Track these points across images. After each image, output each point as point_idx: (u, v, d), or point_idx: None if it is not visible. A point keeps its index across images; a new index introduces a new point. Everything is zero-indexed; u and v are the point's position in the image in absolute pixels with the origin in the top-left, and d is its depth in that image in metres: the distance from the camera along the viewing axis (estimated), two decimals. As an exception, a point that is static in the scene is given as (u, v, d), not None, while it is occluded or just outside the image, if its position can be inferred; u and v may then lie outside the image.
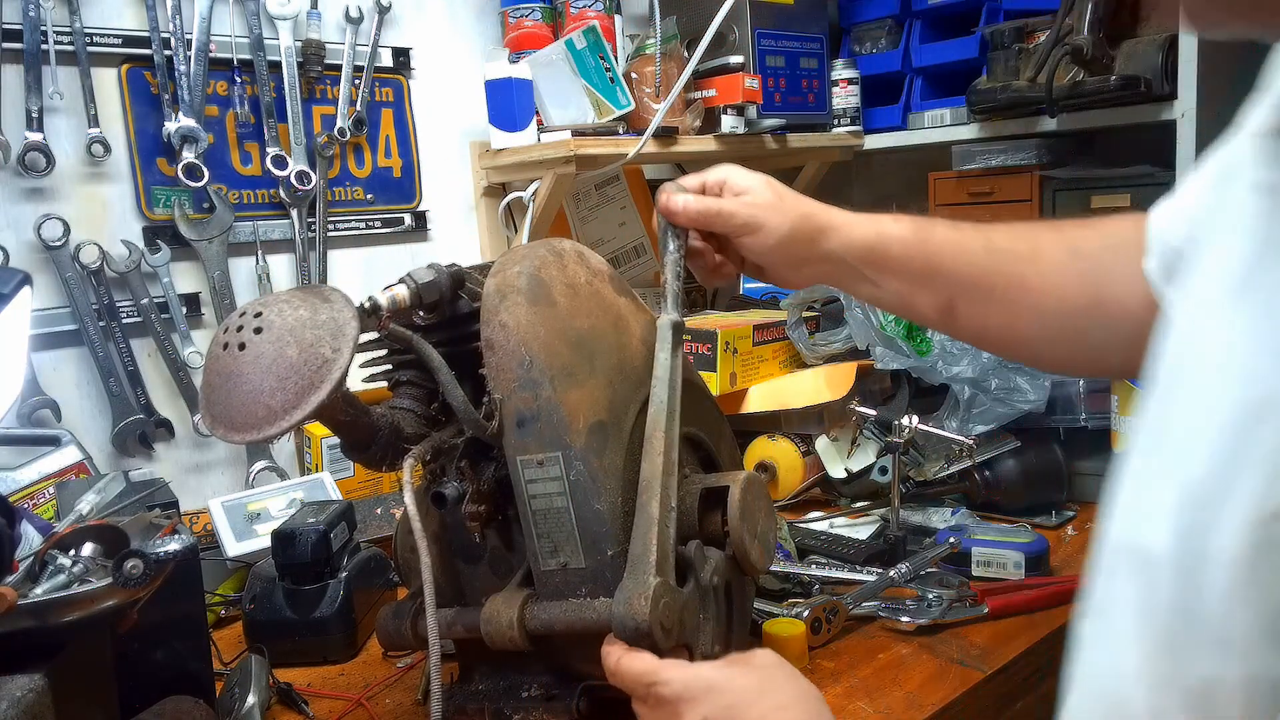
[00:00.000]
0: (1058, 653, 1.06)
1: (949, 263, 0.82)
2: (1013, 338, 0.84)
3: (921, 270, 0.83)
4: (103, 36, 1.29)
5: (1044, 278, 0.79)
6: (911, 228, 0.84)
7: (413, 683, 1.01)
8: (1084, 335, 0.79)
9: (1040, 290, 0.80)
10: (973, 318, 0.83)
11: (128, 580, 0.71)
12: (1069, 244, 0.80)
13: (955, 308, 0.83)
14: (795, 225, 0.84)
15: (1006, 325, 0.82)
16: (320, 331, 0.69)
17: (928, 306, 0.84)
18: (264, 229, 1.45)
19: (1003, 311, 0.82)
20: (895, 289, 0.85)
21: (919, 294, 0.84)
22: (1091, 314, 0.77)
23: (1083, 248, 0.79)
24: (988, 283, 0.81)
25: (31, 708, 0.65)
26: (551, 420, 0.77)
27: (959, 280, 0.82)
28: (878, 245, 0.84)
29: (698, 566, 0.80)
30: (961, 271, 0.82)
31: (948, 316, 0.84)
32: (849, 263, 0.85)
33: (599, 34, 1.52)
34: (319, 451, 1.38)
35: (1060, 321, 0.80)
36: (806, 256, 0.85)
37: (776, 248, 0.84)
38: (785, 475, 1.45)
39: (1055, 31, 1.43)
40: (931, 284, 0.83)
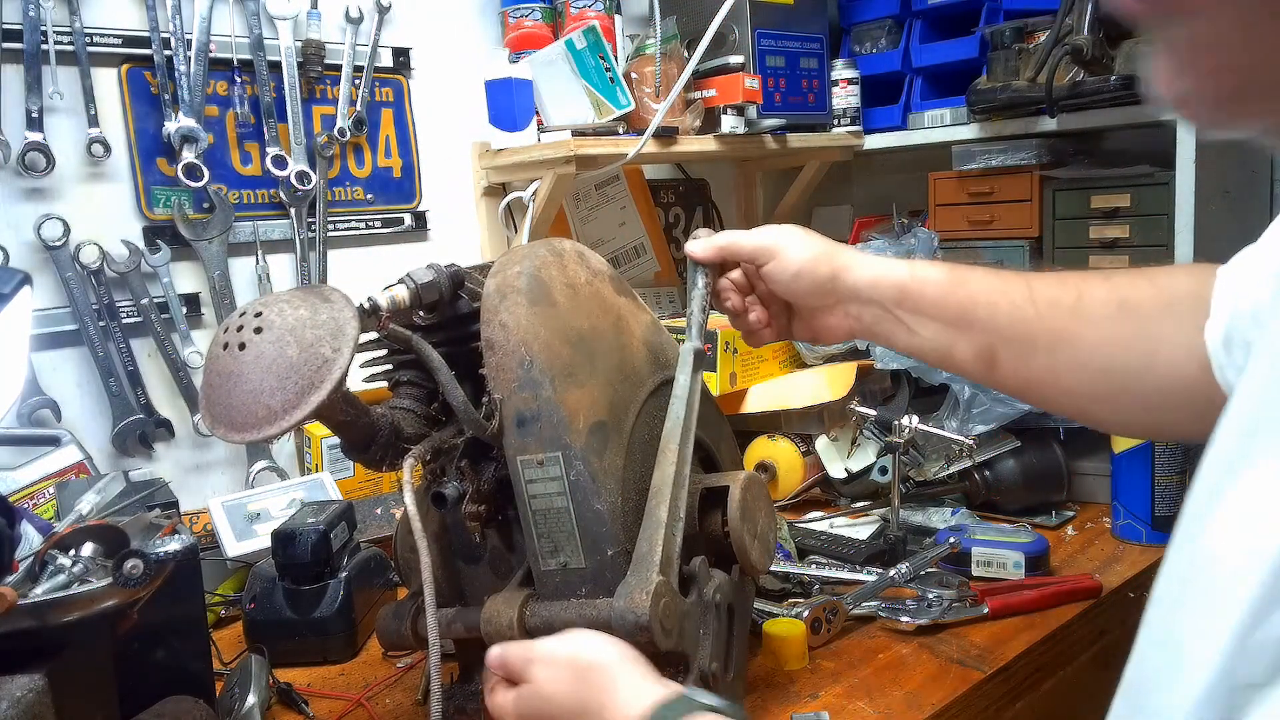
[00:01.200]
0: (1058, 653, 1.06)
1: (986, 308, 0.79)
2: (1057, 392, 0.80)
3: (957, 315, 0.80)
4: (103, 36, 1.29)
5: (1091, 332, 0.76)
6: (947, 271, 0.82)
7: (413, 683, 1.01)
8: (1132, 394, 0.75)
9: (1087, 345, 0.76)
10: (1015, 369, 0.79)
11: (128, 580, 0.71)
12: (1119, 297, 0.76)
13: (996, 357, 0.80)
14: (816, 255, 0.84)
15: (1050, 379, 0.79)
16: (320, 331, 0.69)
17: (967, 356, 0.81)
18: (264, 229, 1.45)
19: (1045, 364, 0.78)
20: (931, 335, 0.81)
21: (958, 341, 0.80)
22: (1142, 374, 0.74)
23: (1134, 301, 0.75)
24: (1029, 333, 0.78)
25: (31, 708, 0.65)
26: (551, 420, 0.77)
27: (998, 328, 0.79)
28: (910, 285, 0.82)
29: (701, 582, 0.80)
30: (1001, 318, 0.79)
31: (988, 367, 0.80)
32: (879, 303, 0.83)
33: (599, 34, 1.52)
34: (319, 451, 1.38)
35: (1107, 378, 0.76)
36: (832, 293, 0.84)
37: (797, 277, 0.84)
38: (785, 475, 1.45)
39: (1055, 31, 1.43)
40: (969, 330, 0.80)
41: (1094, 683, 1.13)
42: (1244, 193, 1.58)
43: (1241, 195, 1.56)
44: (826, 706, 0.90)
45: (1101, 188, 1.54)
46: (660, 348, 0.92)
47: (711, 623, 0.80)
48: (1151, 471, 1.26)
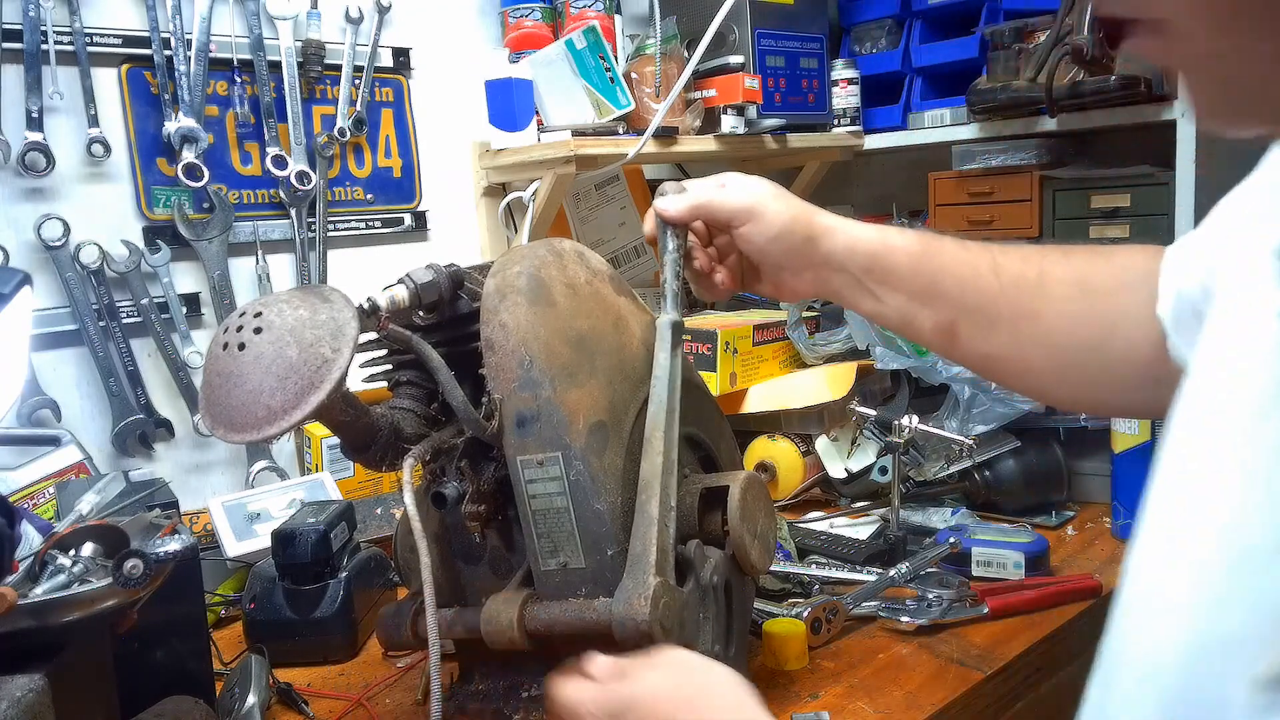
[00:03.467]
0: (1058, 653, 1.06)
1: (953, 281, 0.79)
2: (1016, 368, 0.81)
3: (925, 287, 0.80)
4: (103, 36, 1.29)
5: (1052, 310, 0.77)
6: (919, 241, 0.82)
7: (413, 683, 1.01)
8: (1089, 371, 0.77)
9: (1048, 322, 0.77)
10: (975, 343, 0.80)
11: (128, 580, 0.71)
12: (1078, 276, 0.77)
13: (957, 331, 0.80)
14: (795, 217, 0.82)
15: (1010, 354, 0.80)
16: (320, 331, 0.69)
17: (928, 327, 0.81)
18: (264, 229, 1.45)
19: (1007, 340, 0.79)
20: (896, 305, 0.81)
21: (920, 312, 0.81)
22: (1100, 351, 0.75)
23: (1093, 282, 0.76)
24: (993, 308, 0.79)
25: (31, 708, 0.65)
26: (551, 420, 0.77)
27: (963, 302, 0.79)
28: (882, 254, 0.81)
29: (698, 566, 0.80)
30: (967, 293, 0.79)
31: (949, 339, 0.81)
32: (851, 271, 0.82)
33: (599, 34, 1.52)
34: (319, 451, 1.38)
35: (1067, 356, 0.77)
36: (806, 257, 0.83)
37: (775, 240, 0.82)
38: (785, 475, 1.45)
39: (1055, 31, 1.42)
40: (934, 303, 0.80)
41: (1094, 683, 1.13)
42: (1244, 193, 1.57)
43: (1241, 195, 1.56)
44: (826, 706, 0.90)
45: (1101, 188, 1.54)
46: (660, 348, 0.92)
47: (710, 605, 0.80)
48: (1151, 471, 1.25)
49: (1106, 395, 0.79)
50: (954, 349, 0.82)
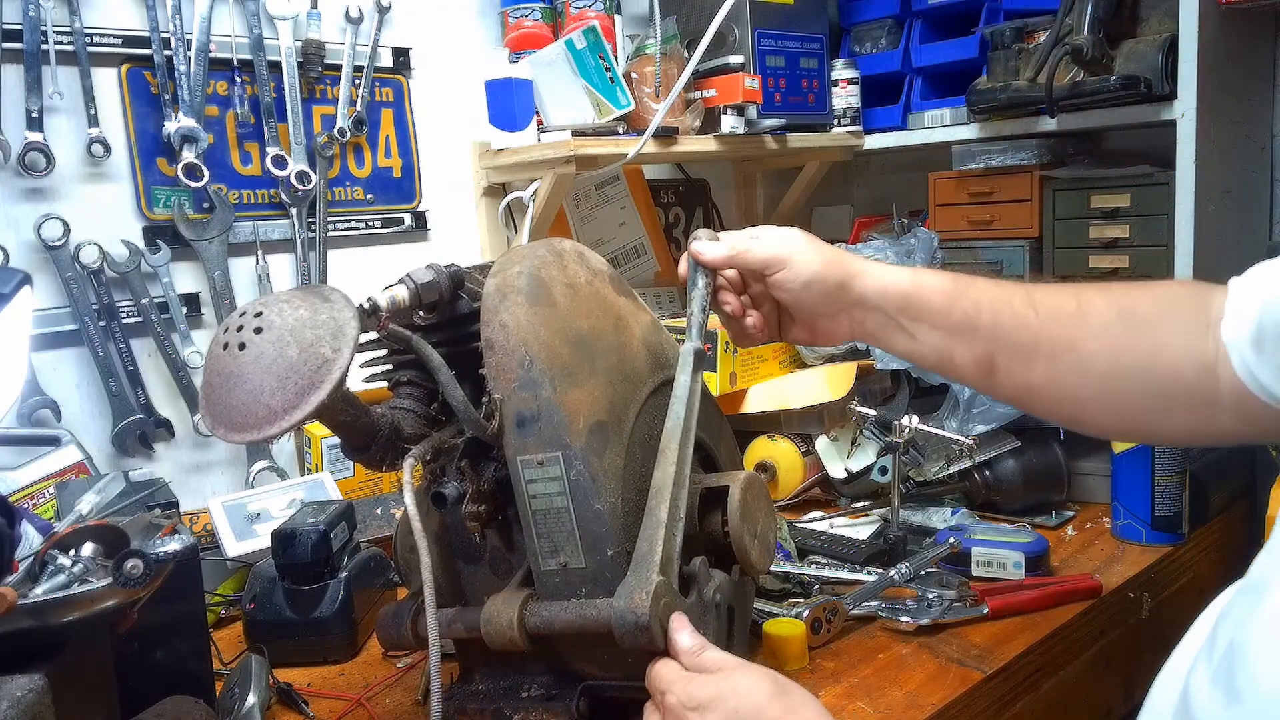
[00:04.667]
0: (1058, 653, 1.07)
1: (989, 315, 0.80)
2: (1058, 398, 0.80)
3: (960, 322, 0.81)
4: (103, 36, 1.29)
5: (1092, 338, 0.77)
6: (950, 279, 0.83)
7: (413, 683, 1.01)
8: (1132, 399, 0.77)
9: (1089, 351, 0.77)
10: (1014, 375, 0.80)
11: (128, 580, 0.71)
12: (1117, 305, 0.77)
13: (995, 364, 0.80)
14: (827, 262, 0.84)
15: (1050, 385, 0.79)
16: (320, 331, 0.69)
17: (967, 362, 0.82)
18: (264, 229, 1.45)
19: (1046, 370, 0.79)
20: (933, 342, 0.82)
21: (958, 348, 0.81)
22: (1142, 379, 0.75)
23: (1133, 310, 0.77)
24: (1031, 340, 0.79)
25: (31, 708, 0.65)
26: (551, 420, 0.77)
27: (1000, 335, 0.80)
28: (914, 293, 0.82)
29: (701, 582, 0.80)
30: (1004, 326, 0.80)
31: (987, 374, 0.81)
32: (885, 311, 0.83)
33: (599, 34, 1.52)
34: (319, 451, 1.38)
35: (1108, 384, 0.77)
36: (840, 300, 0.84)
37: (808, 286, 0.84)
38: (785, 475, 1.45)
39: (1055, 31, 1.43)
40: (971, 337, 0.81)
41: (1094, 683, 1.14)
42: (1244, 193, 1.58)
43: (1241, 195, 1.56)
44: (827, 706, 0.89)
45: (1101, 188, 1.54)
46: (660, 348, 0.92)
47: (711, 622, 0.80)
48: (1151, 471, 1.26)
49: (1149, 421, 0.79)
50: (993, 382, 0.82)
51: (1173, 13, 1.40)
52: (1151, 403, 0.76)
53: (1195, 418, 0.74)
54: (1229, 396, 0.70)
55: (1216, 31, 1.41)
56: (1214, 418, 0.73)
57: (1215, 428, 0.74)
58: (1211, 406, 0.72)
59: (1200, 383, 0.72)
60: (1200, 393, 0.72)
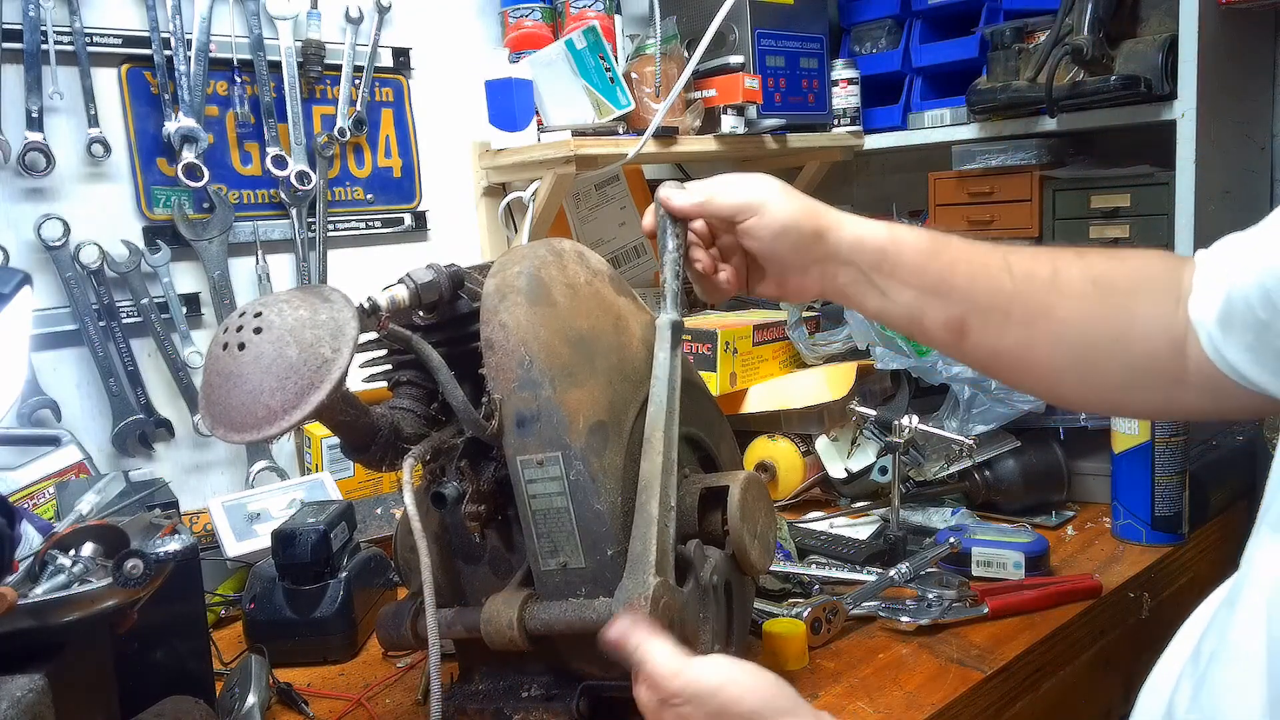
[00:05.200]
0: (1058, 653, 1.06)
1: (964, 278, 0.78)
2: (1027, 366, 0.79)
3: (934, 282, 0.79)
4: (103, 36, 1.29)
5: (1067, 306, 0.75)
6: (927, 237, 0.81)
7: (413, 683, 1.01)
8: (1103, 370, 0.76)
9: (1062, 319, 0.75)
10: (985, 340, 0.78)
11: (128, 580, 0.71)
12: (1093, 274, 0.76)
13: (967, 327, 0.78)
14: (800, 210, 0.81)
15: (1022, 352, 0.78)
16: (320, 331, 0.69)
17: (937, 324, 0.79)
18: (264, 229, 1.45)
19: (1019, 337, 0.77)
20: (905, 301, 0.80)
21: (930, 308, 0.79)
22: (1113, 349, 0.74)
23: (1109, 280, 0.75)
24: (1005, 304, 0.77)
25: (31, 708, 0.65)
26: (551, 420, 0.77)
27: (974, 298, 0.78)
28: (890, 248, 0.80)
29: (697, 566, 0.80)
30: (978, 289, 0.78)
31: (958, 336, 0.79)
32: (858, 265, 0.81)
33: (599, 34, 1.52)
34: (319, 451, 1.38)
35: (1080, 353, 0.76)
36: (812, 252, 0.81)
37: (780, 235, 0.80)
38: (785, 475, 1.45)
39: (1055, 31, 1.42)
40: (944, 299, 0.78)
41: (1094, 683, 1.14)
42: (1244, 193, 1.58)
43: (1241, 195, 1.56)
44: (827, 706, 0.90)
45: (1101, 188, 1.54)
46: (660, 348, 0.92)
47: (710, 605, 0.80)
48: (1151, 471, 1.26)
49: (1119, 395, 0.78)
50: (962, 346, 0.80)
51: (1173, 13, 1.40)
52: (1122, 375, 0.75)
53: (1164, 393, 0.73)
54: (1197, 373, 0.69)
55: (1216, 31, 1.41)
56: (1182, 393, 0.72)
57: (1183, 403, 0.73)
58: (1180, 382, 0.71)
59: (1170, 358, 0.71)
60: (1170, 368, 0.71)
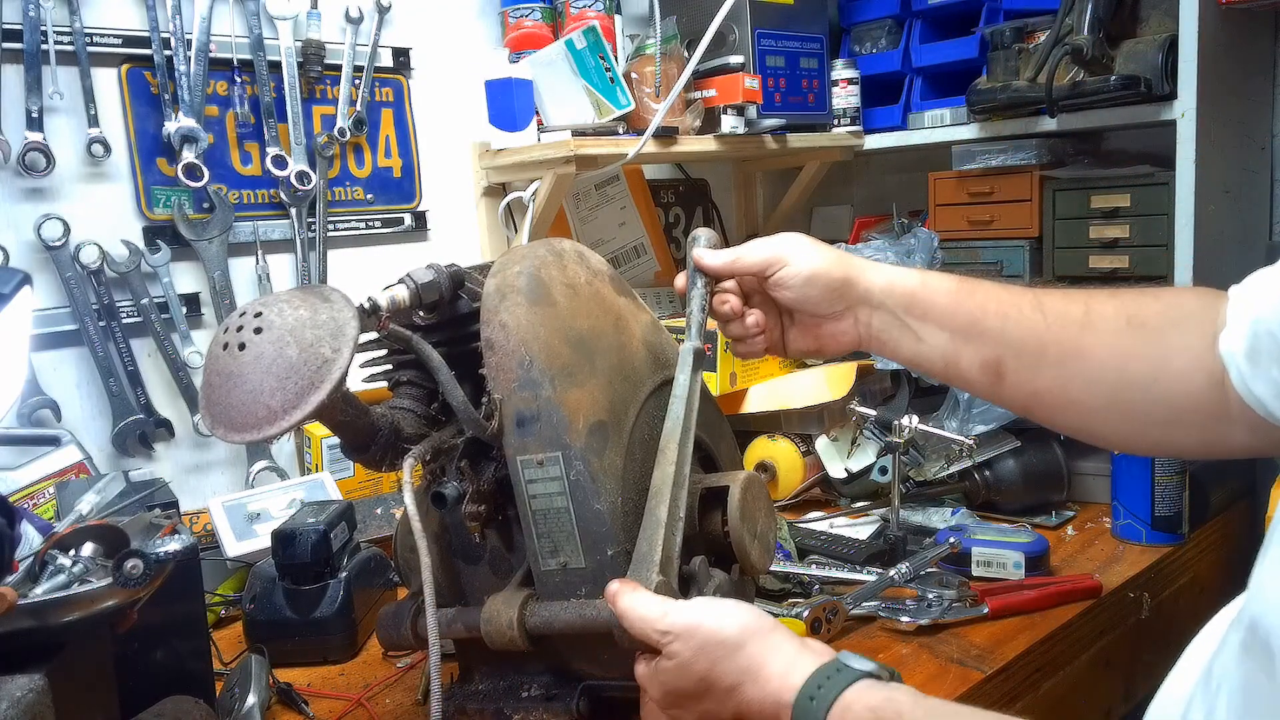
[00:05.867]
0: (1058, 653, 1.06)
1: (996, 318, 0.79)
2: (1065, 405, 0.78)
3: (967, 324, 0.79)
4: (103, 36, 1.29)
5: (1101, 345, 0.75)
6: (956, 280, 0.82)
7: (413, 683, 1.01)
8: (1141, 409, 0.75)
9: (1097, 358, 0.75)
10: (1022, 382, 0.78)
11: (128, 580, 0.71)
12: (1126, 312, 0.76)
13: (1004, 369, 0.78)
14: (828, 260, 0.82)
15: (1058, 392, 0.77)
16: (320, 331, 0.69)
17: (974, 366, 0.79)
18: (264, 229, 1.45)
19: (1054, 377, 0.77)
20: (940, 344, 0.80)
21: (964, 351, 0.79)
22: (1151, 388, 0.74)
23: (1142, 318, 0.75)
24: (1039, 345, 0.77)
25: (31, 708, 0.65)
26: (551, 420, 0.77)
27: (1007, 338, 0.78)
28: (921, 291, 0.81)
29: (701, 582, 0.80)
30: (1010, 329, 0.78)
31: (995, 378, 0.79)
32: (890, 309, 0.82)
33: (599, 34, 1.52)
34: (319, 451, 1.38)
35: (1116, 392, 0.75)
36: (844, 298, 0.82)
37: (809, 282, 0.82)
38: (785, 475, 1.45)
39: (1055, 31, 1.42)
40: (978, 340, 0.79)
41: (1094, 683, 1.13)
42: (1244, 193, 1.58)
43: (1241, 195, 1.56)
44: (826, 706, 0.89)
45: (1101, 188, 1.54)
46: (660, 347, 0.92)
47: None
48: (1151, 471, 1.26)
49: (1158, 434, 0.77)
50: (1001, 388, 0.80)
51: (1173, 13, 1.40)
52: (1160, 413, 0.74)
53: (1206, 430, 0.72)
54: (1239, 409, 0.69)
55: (1216, 31, 1.41)
56: (1226, 430, 0.71)
57: (1228, 440, 0.72)
58: (1222, 419, 0.70)
59: (1209, 394, 0.70)
60: (1209, 405, 0.70)
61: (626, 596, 0.70)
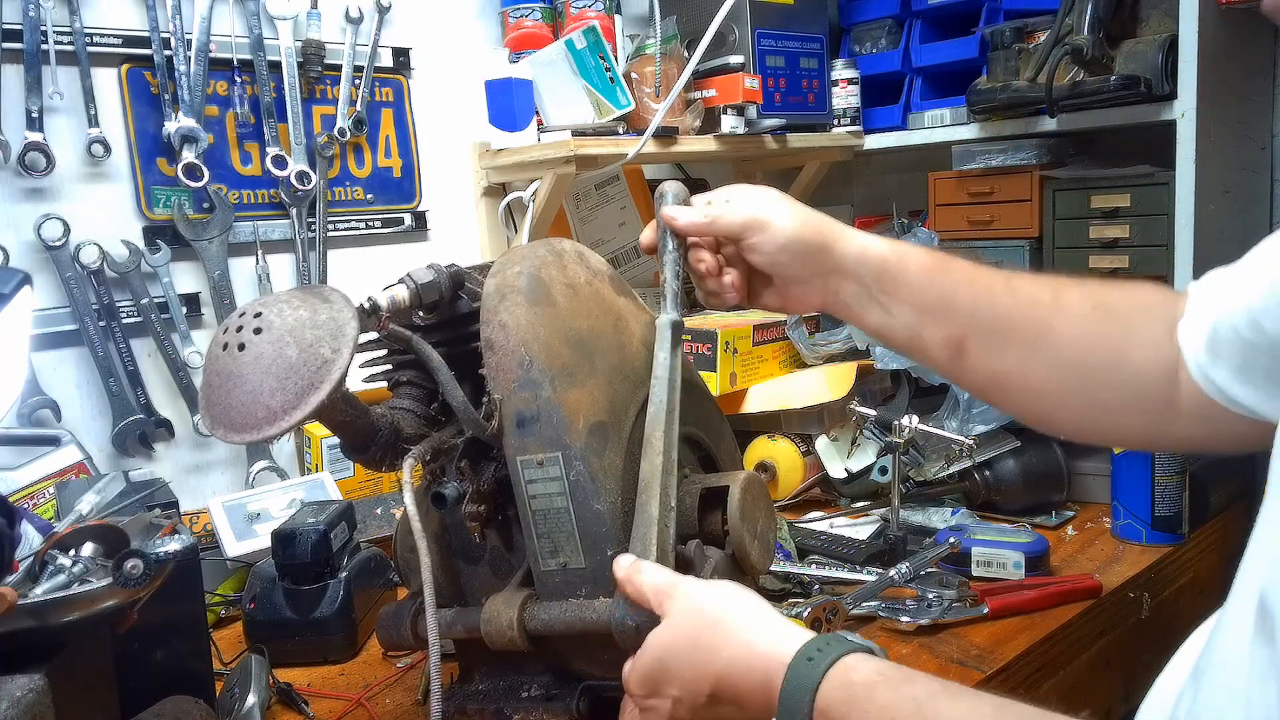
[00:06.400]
0: (1058, 653, 1.06)
1: (967, 297, 0.78)
2: (1024, 388, 0.79)
3: (936, 299, 0.79)
4: (103, 36, 1.29)
5: (1066, 326, 0.76)
6: (931, 255, 0.81)
7: (413, 683, 1.01)
8: (1100, 394, 0.76)
9: (1062, 339, 0.76)
10: (984, 360, 0.78)
11: (128, 580, 0.71)
12: (1093, 298, 0.76)
13: (967, 347, 0.78)
14: (804, 223, 0.81)
15: (1021, 374, 0.78)
16: (320, 332, 0.69)
17: (936, 342, 0.79)
18: (264, 229, 1.45)
19: (1019, 357, 0.77)
20: (906, 318, 0.80)
21: (930, 326, 0.79)
22: (1111, 373, 0.74)
23: (1108, 303, 0.76)
24: (1006, 323, 0.77)
25: (31, 708, 0.65)
26: (551, 420, 0.77)
27: (975, 316, 0.78)
28: (894, 263, 0.80)
29: (697, 566, 0.80)
30: (980, 308, 0.78)
31: (957, 356, 0.79)
32: (861, 279, 0.81)
33: (599, 34, 1.52)
34: (319, 451, 1.38)
35: (1079, 375, 0.76)
36: (818, 263, 0.81)
37: (785, 248, 0.80)
38: (785, 475, 1.45)
39: (1055, 31, 1.42)
40: (946, 316, 0.78)
41: (1094, 683, 1.13)
42: (1244, 193, 1.58)
43: (1241, 195, 1.56)
44: (826, 706, 0.89)
45: (1101, 188, 1.54)
46: (660, 348, 0.92)
47: None
48: (1151, 472, 1.26)
49: (1113, 420, 0.78)
50: (961, 366, 0.80)
51: (1173, 13, 1.40)
52: (1116, 398, 0.75)
53: (1157, 419, 0.73)
54: (1187, 400, 0.71)
55: (1216, 31, 1.41)
56: (1174, 421, 0.73)
57: (1175, 432, 0.74)
58: (1171, 409, 0.72)
59: (1164, 384, 0.72)
60: (1163, 394, 0.72)
61: (628, 566, 0.73)
